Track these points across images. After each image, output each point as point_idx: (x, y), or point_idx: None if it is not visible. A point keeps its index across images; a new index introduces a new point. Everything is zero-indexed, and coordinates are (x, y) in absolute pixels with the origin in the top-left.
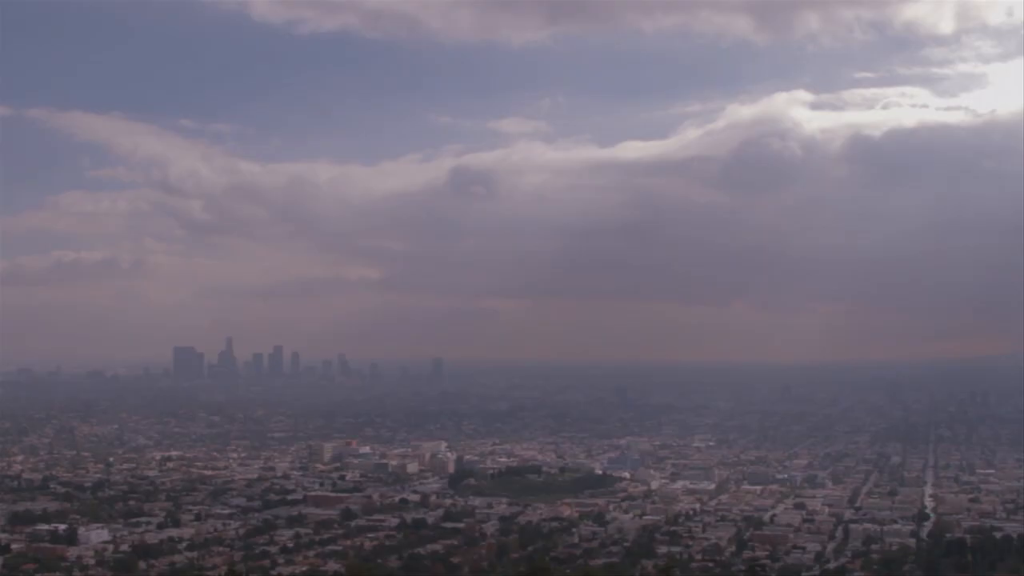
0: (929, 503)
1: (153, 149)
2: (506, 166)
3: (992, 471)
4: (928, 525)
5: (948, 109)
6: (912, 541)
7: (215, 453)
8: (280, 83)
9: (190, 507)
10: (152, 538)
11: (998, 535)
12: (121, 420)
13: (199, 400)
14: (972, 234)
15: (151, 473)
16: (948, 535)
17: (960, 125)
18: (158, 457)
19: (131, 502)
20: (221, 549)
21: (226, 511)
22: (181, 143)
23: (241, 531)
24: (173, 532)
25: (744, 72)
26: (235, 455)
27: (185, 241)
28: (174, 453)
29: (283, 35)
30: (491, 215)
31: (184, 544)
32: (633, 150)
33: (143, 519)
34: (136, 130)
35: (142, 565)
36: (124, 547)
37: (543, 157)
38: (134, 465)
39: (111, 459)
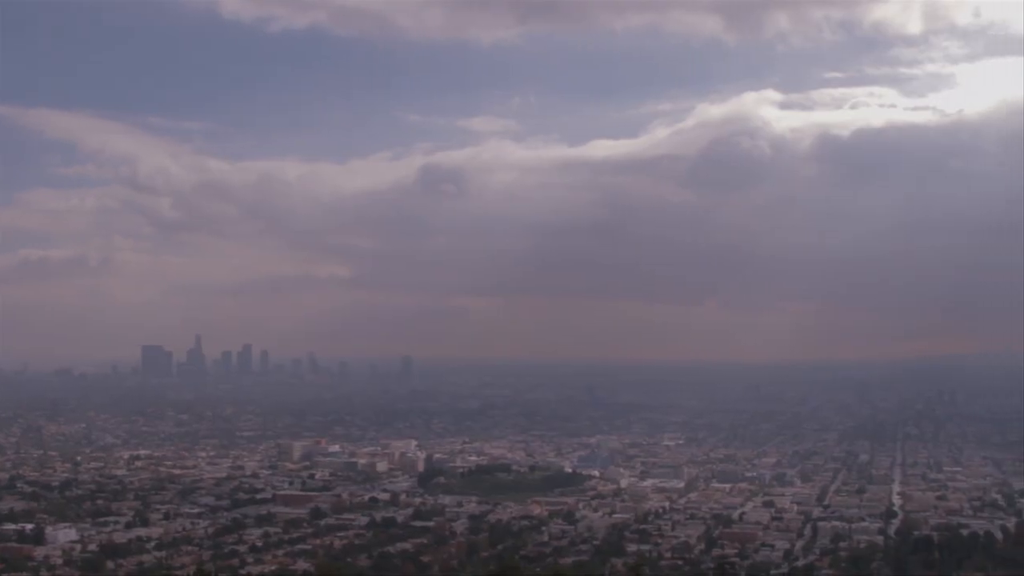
0: (897, 501)
1: (122, 147)
2: (476, 164)
3: (959, 469)
4: (896, 523)
5: (916, 109)
6: (880, 538)
7: (184, 452)
8: (250, 81)
9: (158, 506)
10: (120, 537)
11: (965, 532)
12: (89, 419)
13: (168, 398)
14: (940, 234)
15: (119, 472)
16: (916, 532)
17: (928, 125)
18: (126, 456)
19: (99, 501)
20: (190, 548)
21: (195, 510)
22: (150, 141)
23: (210, 530)
24: (141, 531)
25: (714, 71)
26: (204, 454)
27: (154, 239)
28: (142, 452)
29: (253, 32)
30: (461, 213)
31: (152, 543)
32: (603, 149)
33: (111, 518)
34: (105, 127)
35: (110, 565)
36: (92, 547)
37: (513, 156)
38: (102, 464)
39: (79, 458)
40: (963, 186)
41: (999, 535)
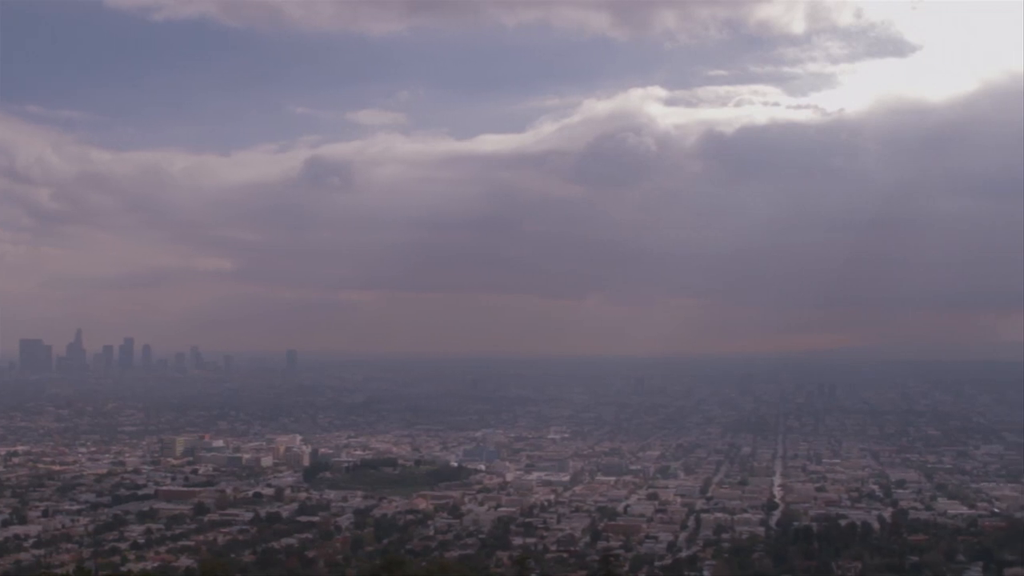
0: (778, 492)
1: None
2: (363, 158)
3: (838, 461)
4: (777, 514)
5: (798, 108)
6: (761, 529)
7: (63, 448)
8: (134, 70)
9: (37, 503)
10: None
11: (843, 523)
12: None
13: (47, 394)
14: (820, 230)
15: None
16: (796, 523)
17: (809, 123)
18: (3, 452)
19: None
20: (69, 546)
21: (75, 507)
22: (29, 130)
23: (90, 527)
24: (19, 529)
25: (601, 68)
26: (84, 449)
27: (33, 230)
28: (20, 448)
29: (138, 21)
30: (347, 207)
31: (31, 541)
32: (490, 143)
33: None
34: None
35: None
36: None
37: (400, 149)
38: None
39: None
40: (842, 183)
41: (876, 525)
